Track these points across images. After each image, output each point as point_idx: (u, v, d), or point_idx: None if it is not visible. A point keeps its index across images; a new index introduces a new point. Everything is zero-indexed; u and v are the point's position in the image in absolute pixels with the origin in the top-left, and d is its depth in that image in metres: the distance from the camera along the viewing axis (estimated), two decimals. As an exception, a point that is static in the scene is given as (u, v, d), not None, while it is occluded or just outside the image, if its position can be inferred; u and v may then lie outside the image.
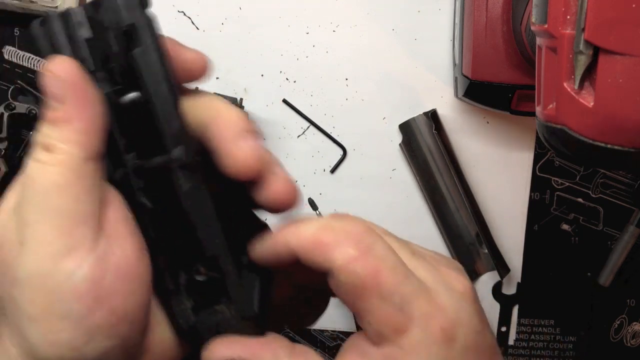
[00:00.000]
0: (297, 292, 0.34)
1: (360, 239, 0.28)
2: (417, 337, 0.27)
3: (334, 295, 0.30)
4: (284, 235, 0.30)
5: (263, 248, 0.30)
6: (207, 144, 0.28)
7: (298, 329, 0.58)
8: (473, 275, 0.58)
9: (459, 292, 0.29)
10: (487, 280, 0.59)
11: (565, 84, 0.30)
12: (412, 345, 0.27)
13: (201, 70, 0.30)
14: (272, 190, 0.29)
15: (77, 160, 0.26)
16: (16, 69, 0.57)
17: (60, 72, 0.26)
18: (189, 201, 0.28)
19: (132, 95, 0.27)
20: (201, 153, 0.28)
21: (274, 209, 0.29)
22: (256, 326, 0.29)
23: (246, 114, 0.30)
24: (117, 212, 0.27)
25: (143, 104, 0.27)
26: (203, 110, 0.29)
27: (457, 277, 0.30)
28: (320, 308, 0.35)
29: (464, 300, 0.29)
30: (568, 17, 0.30)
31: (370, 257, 0.28)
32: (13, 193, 0.27)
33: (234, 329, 0.29)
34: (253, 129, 0.29)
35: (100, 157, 0.27)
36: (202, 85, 0.53)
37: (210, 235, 0.28)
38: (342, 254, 0.28)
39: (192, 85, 0.31)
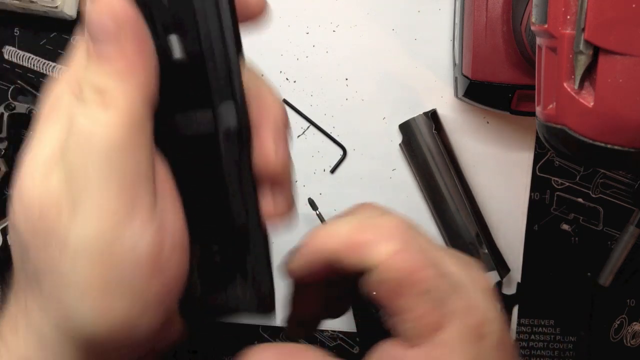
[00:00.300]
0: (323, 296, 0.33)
1: (397, 233, 0.27)
2: (453, 334, 0.26)
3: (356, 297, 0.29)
4: (316, 242, 0.28)
5: (300, 259, 0.29)
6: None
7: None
8: (473, 275, 0.58)
9: (485, 290, 0.29)
10: (487, 280, 0.59)
11: (565, 84, 0.30)
12: (448, 342, 0.26)
13: (259, 10, 0.27)
14: (269, 205, 0.27)
15: (138, 114, 0.23)
16: (16, 69, 0.57)
17: (117, 11, 0.22)
18: (229, 166, 0.25)
19: (187, 44, 0.24)
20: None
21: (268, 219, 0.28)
22: (268, 309, 0.28)
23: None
24: (164, 173, 0.25)
25: (195, 56, 0.24)
26: (251, 85, 0.26)
27: (482, 276, 0.30)
28: (344, 307, 0.34)
29: (490, 299, 0.29)
30: (568, 17, 0.30)
31: (410, 252, 0.27)
32: (43, 142, 0.24)
33: (243, 309, 0.27)
34: (290, 130, 0.28)
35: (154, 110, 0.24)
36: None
37: (245, 205, 0.26)
38: (381, 250, 0.27)
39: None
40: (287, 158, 0.27)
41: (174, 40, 0.24)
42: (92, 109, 0.22)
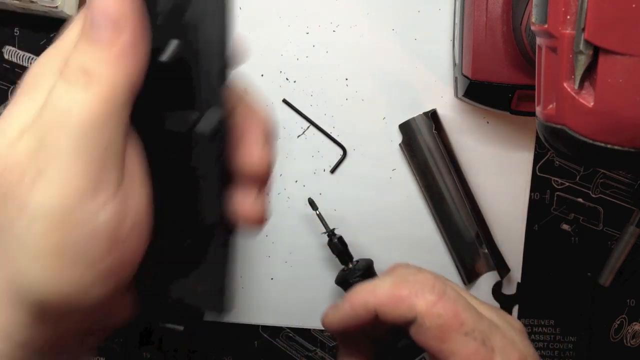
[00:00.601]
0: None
1: (433, 285, 0.32)
2: None
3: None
4: (360, 297, 0.32)
5: (340, 312, 0.33)
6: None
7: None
8: (473, 275, 0.58)
9: (518, 329, 0.33)
10: (487, 280, 0.59)
11: (565, 84, 0.30)
12: None
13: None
14: (247, 204, 0.29)
15: (121, 93, 0.24)
16: (16, 69, 0.57)
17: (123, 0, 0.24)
18: (205, 166, 0.27)
19: (185, 49, 0.25)
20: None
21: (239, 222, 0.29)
22: (220, 308, 0.29)
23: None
24: (136, 155, 0.26)
25: (186, 57, 0.25)
26: (235, 94, 0.29)
27: (512, 318, 0.34)
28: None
29: (523, 336, 0.33)
30: (568, 17, 0.30)
31: (447, 300, 0.31)
32: (20, 110, 0.25)
33: (196, 303, 0.28)
34: (274, 135, 0.30)
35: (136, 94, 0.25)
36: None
37: (214, 204, 0.27)
38: (421, 301, 0.31)
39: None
40: (269, 162, 0.29)
41: (173, 44, 0.25)
42: (74, 87, 0.23)
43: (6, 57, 0.57)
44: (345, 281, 0.53)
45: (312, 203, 0.55)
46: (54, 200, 0.23)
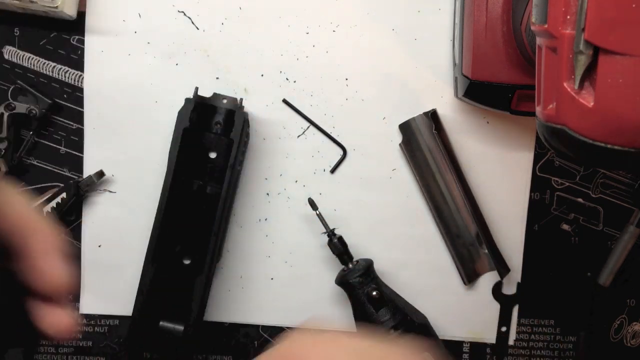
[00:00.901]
0: None
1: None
2: None
3: None
4: None
5: None
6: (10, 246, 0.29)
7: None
8: (473, 275, 0.58)
9: None
10: (487, 280, 0.59)
11: (565, 84, 0.30)
12: None
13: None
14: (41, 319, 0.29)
15: None
16: (16, 69, 0.57)
17: None
18: None
19: None
20: None
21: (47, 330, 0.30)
22: None
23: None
24: None
25: None
26: (21, 216, 0.30)
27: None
28: None
29: None
30: (568, 17, 0.30)
31: None
32: None
33: None
34: (63, 250, 0.30)
35: None
36: (202, 86, 0.53)
37: None
38: None
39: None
40: (64, 279, 0.29)
41: None
42: None
43: (6, 57, 0.57)
44: (345, 281, 0.54)
45: (312, 203, 0.55)
46: None
